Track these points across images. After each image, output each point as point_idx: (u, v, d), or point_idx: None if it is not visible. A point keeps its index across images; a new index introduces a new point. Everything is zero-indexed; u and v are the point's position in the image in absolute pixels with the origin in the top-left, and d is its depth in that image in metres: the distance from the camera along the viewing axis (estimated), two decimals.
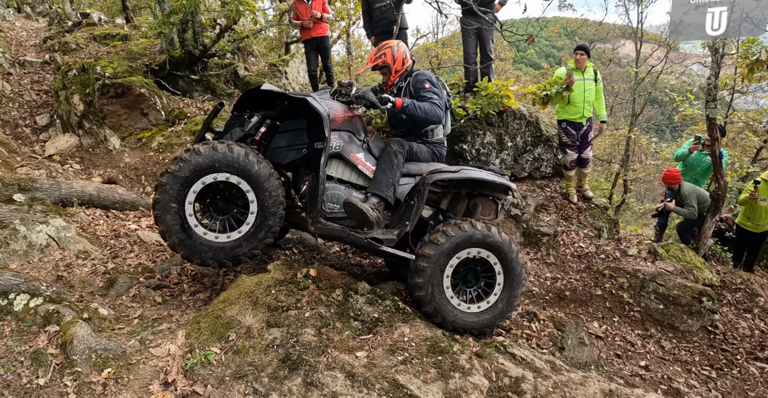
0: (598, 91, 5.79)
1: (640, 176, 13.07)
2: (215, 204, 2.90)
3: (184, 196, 2.69)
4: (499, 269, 3.14)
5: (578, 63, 5.63)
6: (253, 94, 3.04)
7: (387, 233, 3.03)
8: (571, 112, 5.70)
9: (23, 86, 6.94)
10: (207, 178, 2.72)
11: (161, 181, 2.68)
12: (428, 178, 3.11)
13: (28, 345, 2.44)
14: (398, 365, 2.38)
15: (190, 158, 2.68)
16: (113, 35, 8.28)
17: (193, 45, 6.17)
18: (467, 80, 6.14)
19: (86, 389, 2.22)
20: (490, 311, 3.13)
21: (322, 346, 2.38)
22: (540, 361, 2.85)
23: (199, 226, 2.76)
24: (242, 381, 2.17)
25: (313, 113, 2.93)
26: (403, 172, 3.23)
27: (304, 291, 2.63)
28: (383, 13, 6.04)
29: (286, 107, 3.11)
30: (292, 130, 3.16)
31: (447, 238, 2.95)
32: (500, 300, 3.17)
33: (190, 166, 2.67)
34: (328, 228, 2.91)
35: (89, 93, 5.64)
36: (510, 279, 3.17)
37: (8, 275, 2.79)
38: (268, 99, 3.07)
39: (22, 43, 8.65)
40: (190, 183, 2.69)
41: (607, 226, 6.12)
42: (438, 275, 2.94)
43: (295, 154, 3.13)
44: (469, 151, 5.70)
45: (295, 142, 3.14)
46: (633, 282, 5.17)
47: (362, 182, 3.16)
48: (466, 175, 3.17)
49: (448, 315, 2.96)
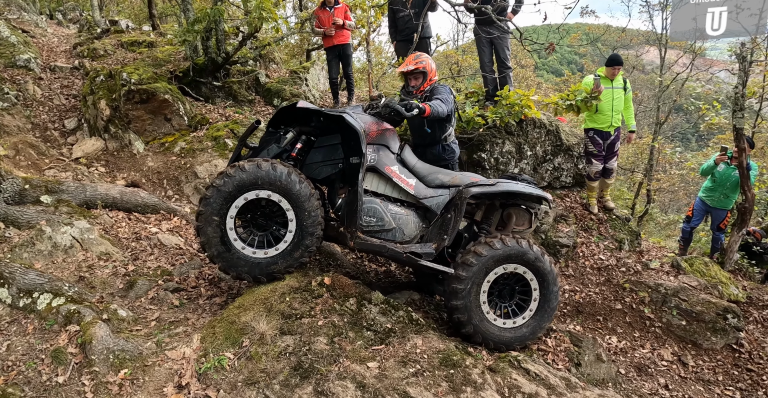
0: (627, 100, 5.63)
1: (663, 186, 12.74)
2: (255, 221, 2.96)
3: (226, 210, 2.78)
4: (536, 285, 3.17)
5: (611, 75, 5.47)
6: (288, 110, 3.09)
7: (425, 247, 3.06)
8: (600, 121, 5.56)
9: (53, 91, 7.17)
10: (249, 194, 2.79)
11: (206, 194, 2.78)
12: (465, 192, 3.12)
13: (49, 344, 2.51)
14: (410, 377, 2.36)
15: (234, 174, 2.75)
16: (140, 42, 8.52)
17: (216, 52, 6.30)
18: (486, 88, 6.12)
19: (103, 389, 2.27)
20: (525, 326, 3.17)
21: (334, 355, 2.39)
22: (555, 378, 2.79)
23: (239, 240, 2.83)
24: (254, 388, 2.19)
25: (348, 129, 2.98)
26: (437, 183, 3.29)
27: (318, 300, 2.64)
28: (406, 23, 6.16)
29: (320, 123, 3.17)
30: (327, 146, 3.20)
31: (490, 250, 2.99)
32: (535, 316, 3.20)
33: (234, 181, 2.75)
34: (367, 243, 2.95)
35: (115, 98, 5.81)
36: (545, 296, 3.20)
37: (33, 274, 2.88)
38: (303, 115, 3.13)
39: (53, 49, 8.96)
40: (233, 198, 2.77)
41: (628, 238, 5.98)
42: (476, 288, 2.97)
43: (331, 168, 3.17)
44: (487, 159, 5.66)
45: (330, 157, 3.18)
46: (654, 297, 5.04)
47: (397, 195, 3.21)
48: (503, 188, 3.18)
49: (482, 327, 2.99)
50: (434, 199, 3.24)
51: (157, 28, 9.94)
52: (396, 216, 3.11)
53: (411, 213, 3.20)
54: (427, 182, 3.30)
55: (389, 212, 3.08)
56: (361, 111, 3.28)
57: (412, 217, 3.18)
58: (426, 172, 3.36)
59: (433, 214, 3.24)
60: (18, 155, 5.38)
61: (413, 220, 3.18)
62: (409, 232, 3.15)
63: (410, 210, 3.22)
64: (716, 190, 5.95)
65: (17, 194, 3.84)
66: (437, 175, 3.34)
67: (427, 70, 3.60)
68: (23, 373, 2.37)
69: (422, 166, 3.40)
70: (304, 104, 3.03)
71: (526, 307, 3.18)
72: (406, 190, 3.19)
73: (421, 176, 3.32)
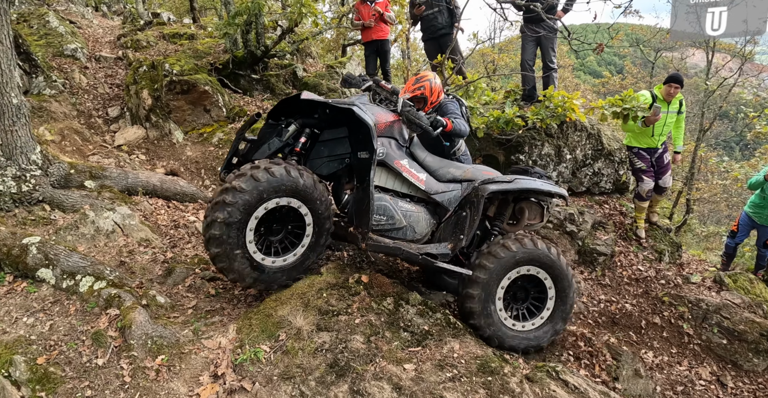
0: (680, 121, 5.18)
1: (704, 196, 12.16)
2: (270, 228, 2.79)
3: (246, 221, 2.58)
4: (551, 287, 3.07)
5: (669, 96, 4.97)
6: (291, 101, 2.90)
7: (441, 247, 2.93)
8: (644, 142, 5.18)
9: (98, 80, 7.39)
10: (270, 203, 2.59)
11: (224, 199, 2.57)
12: (482, 190, 2.98)
13: (90, 326, 2.55)
14: (446, 382, 2.29)
15: (260, 178, 2.53)
16: (181, 34, 8.69)
17: (256, 45, 6.35)
18: (524, 88, 5.97)
19: (140, 373, 2.29)
20: (539, 329, 3.05)
21: (370, 355, 2.34)
22: (593, 391, 2.68)
23: (258, 253, 2.67)
24: (290, 383, 2.16)
25: (357, 122, 2.80)
26: (449, 177, 3.14)
27: (355, 297, 2.61)
28: (430, 22, 6.07)
29: (325, 115, 2.98)
30: (333, 139, 3.02)
31: (507, 253, 2.88)
32: (550, 320, 3.09)
33: (258, 188, 2.53)
34: (381, 245, 2.80)
35: (157, 88, 5.93)
36: (562, 299, 3.08)
37: (76, 257, 2.94)
38: (306, 106, 2.92)
39: (98, 40, 9.23)
40: (254, 208, 2.56)
41: (669, 250, 5.74)
42: (492, 291, 2.86)
43: (338, 164, 3.01)
44: (526, 161, 5.53)
45: (337, 151, 3.01)
46: (695, 313, 4.82)
47: (407, 190, 3.03)
48: (522, 185, 3.05)
49: (499, 331, 2.88)
50: (446, 194, 3.08)
51: (198, 21, 10.11)
52: (407, 213, 2.95)
53: (422, 209, 3.04)
54: (438, 176, 3.13)
55: (399, 209, 2.92)
56: (367, 101, 3.07)
57: (423, 214, 3.03)
58: (437, 165, 3.18)
59: (444, 210, 3.10)
60: (63, 141, 5.54)
61: (424, 217, 3.03)
62: (420, 230, 3.01)
63: (420, 206, 3.06)
64: (765, 207, 5.53)
65: (63, 178, 3.94)
66: (449, 168, 3.18)
67: (426, 94, 3.34)
68: (64, 353, 2.42)
69: (432, 159, 3.21)
70: (308, 95, 2.82)
71: (542, 309, 3.08)
72: (416, 185, 3.01)
73: (431, 170, 3.14)
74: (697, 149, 9.09)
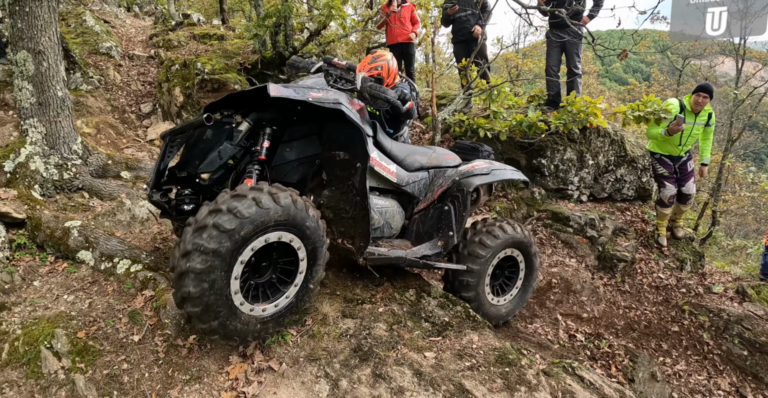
0: (708, 133, 5.06)
1: (731, 208, 11.88)
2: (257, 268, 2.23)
3: (231, 265, 2.01)
4: (523, 265, 3.39)
5: (697, 105, 4.82)
6: (247, 95, 2.32)
7: (433, 247, 2.91)
8: (666, 150, 5.12)
9: (131, 77, 7.67)
10: (258, 242, 2.04)
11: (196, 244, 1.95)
12: (466, 184, 2.98)
13: (126, 305, 2.69)
14: (465, 370, 2.36)
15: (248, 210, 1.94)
16: (210, 35, 8.96)
17: (284, 47, 6.52)
18: (549, 93, 6.00)
19: (174, 350, 2.41)
20: (512, 302, 3.44)
21: (392, 342, 2.42)
22: (609, 388, 2.70)
23: (246, 304, 2.15)
24: (315, 364, 2.26)
25: (333, 117, 2.38)
26: (416, 166, 2.97)
27: (378, 288, 2.69)
28: (461, 24, 6.15)
29: (286, 109, 2.45)
30: (300, 138, 2.54)
31: (494, 240, 3.09)
32: (521, 292, 3.47)
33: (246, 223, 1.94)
34: (382, 257, 2.56)
35: (189, 86, 6.14)
36: (530, 273, 3.44)
37: (114, 241, 3.10)
38: (255, 98, 2.32)
39: (131, 39, 9.58)
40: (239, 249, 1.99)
41: (691, 259, 5.67)
42: (483, 276, 3.11)
43: (307, 167, 2.55)
44: (547, 166, 5.55)
45: (306, 153, 2.55)
46: (715, 323, 4.78)
47: (377, 184, 2.76)
48: (500, 177, 3.21)
49: (485, 309, 3.20)
50: (415, 184, 2.96)
51: (227, 22, 10.41)
52: (382, 210, 2.74)
53: (394, 203, 2.88)
54: (405, 166, 2.92)
55: (375, 207, 2.64)
56: (325, 84, 2.56)
57: (396, 207, 2.88)
58: (404, 154, 2.94)
59: (413, 199, 3.01)
60: (99, 134, 5.79)
61: (398, 211, 2.89)
62: (395, 225, 2.87)
63: (392, 199, 2.89)
64: None
65: (101, 168, 4.14)
66: (415, 156, 2.99)
67: (383, 75, 3.07)
68: (103, 329, 2.56)
69: (398, 148, 2.93)
70: (278, 90, 2.16)
71: (513, 284, 3.42)
72: (388, 178, 2.75)
73: (399, 160, 2.89)
74: (725, 159, 8.92)
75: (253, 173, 2.35)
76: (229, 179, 2.60)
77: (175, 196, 2.58)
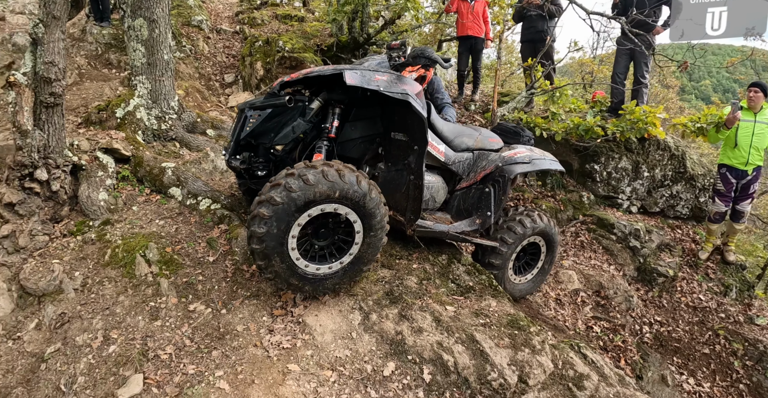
0: None
1: None
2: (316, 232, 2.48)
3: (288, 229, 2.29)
4: (545, 250, 3.73)
5: (751, 101, 4.84)
6: (324, 79, 2.54)
7: (472, 224, 3.18)
8: (734, 156, 4.99)
9: (217, 49, 8.43)
10: (314, 210, 2.30)
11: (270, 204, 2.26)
12: (508, 171, 3.20)
13: (205, 233, 3.24)
14: (478, 326, 2.69)
15: (312, 182, 2.22)
16: (292, 16, 9.57)
17: (359, 32, 6.96)
18: (612, 100, 6.04)
19: (239, 273, 2.92)
20: (532, 281, 3.83)
21: (420, 293, 2.79)
22: (609, 369, 2.91)
23: (302, 259, 2.42)
24: (352, 299, 2.68)
25: (396, 102, 2.55)
26: (463, 147, 3.20)
27: (415, 249, 3.06)
28: (532, 22, 6.21)
29: (355, 91, 2.63)
30: (365, 119, 2.77)
31: (523, 229, 3.41)
32: (540, 273, 3.83)
33: (306, 193, 2.23)
34: (428, 230, 2.86)
35: (269, 61, 6.74)
36: (549, 260, 3.80)
37: (199, 183, 3.68)
38: (326, 80, 2.55)
39: (219, 14, 10.39)
40: (296, 215, 2.27)
41: (738, 286, 5.49)
42: (510, 259, 3.49)
43: (368, 145, 2.81)
44: (599, 172, 5.60)
45: (368, 132, 2.80)
46: (750, 352, 4.67)
47: (430, 162, 2.97)
48: (539, 166, 3.41)
49: (509, 287, 3.58)
50: (460, 163, 3.20)
51: (307, 4, 10.99)
52: (429, 185, 2.97)
53: (439, 179, 3.12)
54: (454, 146, 3.15)
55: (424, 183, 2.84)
56: (387, 63, 2.91)
57: (440, 183, 3.13)
58: (453, 135, 3.16)
59: (457, 177, 3.25)
60: (187, 96, 6.52)
61: (442, 186, 3.14)
62: (439, 199, 3.14)
63: (438, 176, 3.12)
64: None
65: (191, 124, 4.78)
66: (462, 138, 3.21)
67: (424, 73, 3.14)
68: (185, 249, 3.12)
69: (448, 128, 3.14)
70: (354, 79, 2.36)
71: (533, 267, 3.78)
72: (437, 157, 3.00)
73: (448, 140, 3.12)
74: None
75: (323, 148, 2.62)
76: (296, 150, 2.86)
77: (249, 162, 2.84)
